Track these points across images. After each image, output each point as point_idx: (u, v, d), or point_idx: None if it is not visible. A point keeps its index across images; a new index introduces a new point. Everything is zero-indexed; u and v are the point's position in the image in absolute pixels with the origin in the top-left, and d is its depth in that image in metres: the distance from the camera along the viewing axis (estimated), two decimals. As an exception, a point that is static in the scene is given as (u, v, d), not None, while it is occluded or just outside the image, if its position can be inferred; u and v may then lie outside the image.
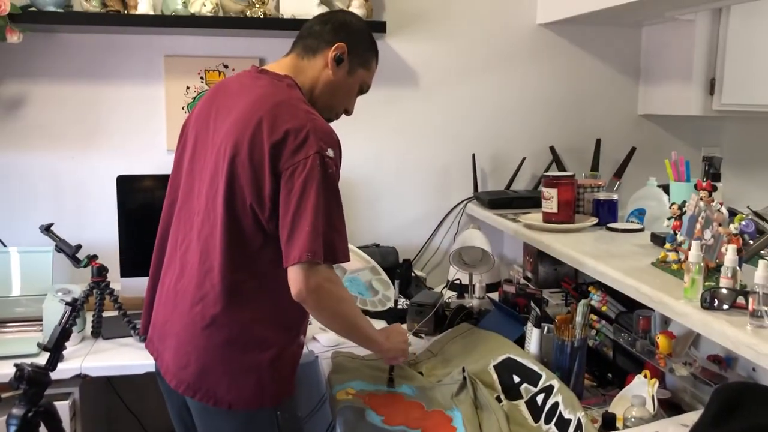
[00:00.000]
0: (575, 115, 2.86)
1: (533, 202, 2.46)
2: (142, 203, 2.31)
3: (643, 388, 1.57)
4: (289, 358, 1.52)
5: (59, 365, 1.82)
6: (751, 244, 1.66)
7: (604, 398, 1.73)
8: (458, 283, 2.47)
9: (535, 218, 2.22)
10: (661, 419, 1.50)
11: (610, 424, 1.52)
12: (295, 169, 1.38)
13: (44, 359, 1.67)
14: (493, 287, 2.44)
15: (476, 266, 2.41)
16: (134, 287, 2.18)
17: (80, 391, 1.96)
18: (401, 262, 2.58)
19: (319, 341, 2.07)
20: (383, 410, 1.65)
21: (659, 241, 1.84)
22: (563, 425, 1.52)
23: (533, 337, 1.84)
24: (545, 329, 1.83)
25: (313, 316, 1.50)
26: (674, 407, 1.64)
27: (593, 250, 1.88)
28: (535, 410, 1.64)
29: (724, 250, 1.41)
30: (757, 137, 3.01)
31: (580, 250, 1.87)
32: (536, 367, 1.72)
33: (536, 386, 1.68)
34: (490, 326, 2.04)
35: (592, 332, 1.95)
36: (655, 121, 2.92)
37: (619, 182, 2.72)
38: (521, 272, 2.51)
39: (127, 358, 1.95)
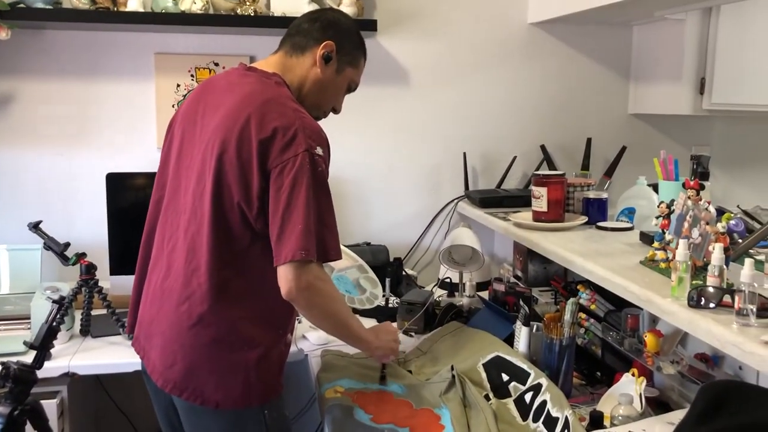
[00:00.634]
0: (566, 114, 2.86)
1: (524, 200, 2.46)
2: (131, 201, 2.30)
3: (630, 386, 1.57)
4: (276, 357, 1.52)
5: (47, 363, 1.81)
6: (740, 243, 1.67)
7: (592, 396, 1.73)
8: (448, 281, 2.47)
9: (525, 217, 2.23)
10: (648, 417, 1.50)
11: (597, 422, 1.51)
12: (284, 167, 1.38)
13: (31, 357, 1.66)
14: (483, 286, 2.45)
15: (466, 265, 2.41)
16: (123, 285, 2.16)
17: (68, 389, 1.95)
18: (392, 260, 2.58)
19: (308, 339, 2.07)
20: (371, 408, 1.65)
21: (648, 239, 1.84)
22: (551, 423, 1.52)
23: (522, 335, 1.84)
24: (534, 328, 1.83)
25: (303, 315, 1.50)
26: (662, 405, 1.65)
27: (582, 248, 1.89)
28: (523, 408, 1.64)
29: (711, 248, 1.42)
30: (747, 137, 3.02)
31: (569, 248, 1.88)
32: (525, 365, 1.72)
33: (525, 384, 1.68)
34: (479, 325, 2.04)
35: (581, 330, 1.95)
36: (645, 120, 2.92)
37: (609, 181, 2.73)
38: (511, 271, 2.51)
39: (115, 356, 1.94)
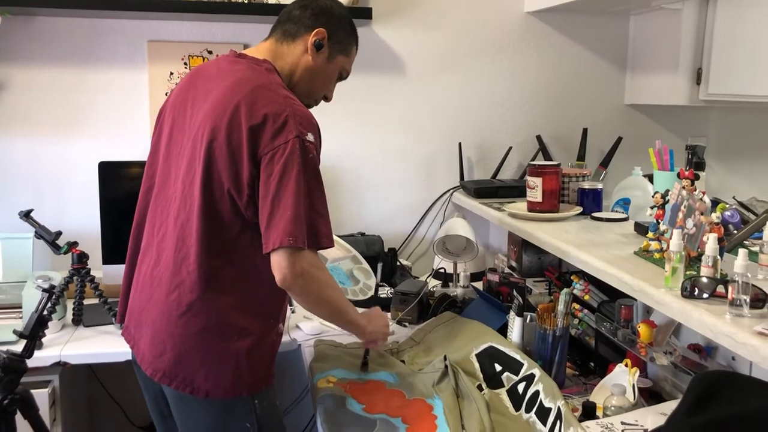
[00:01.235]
0: (562, 104, 2.85)
1: (519, 191, 2.45)
2: (124, 190, 2.28)
3: (623, 377, 1.57)
4: (267, 346, 1.51)
5: (39, 353, 1.81)
6: (735, 234, 1.66)
7: (585, 387, 1.73)
8: (443, 272, 2.46)
9: (519, 207, 2.22)
10: (641, 408, 1.50)
11: (590, 412, 1.51)
12: (274, 153, 1.36)
13: (22, 346, 1.64)
14: (477, 276, 2.44)
15: (460, 255, 2.41)
16: (116, 275, 2.14)
17: (60, 378, 1.94)
18: (386, 251, 2.57)
19: (302, 330, 2.06)
20: (364, 398, 1.65)
21: (642, 230, 1.83)
22: (543, 414, 1.51)
23: (515, 325, 1.84)
24: (527, 318, 1.83)
25: (297, 301, 1.49)
26: (655, 396, 1.65)
27: (576, 239, 1.88)
28: (516, 399, 1.64)
29: (705, 239, 1.41)
30: (743, 127, 3.01)
31: (563, 239, 1.87)
32: (518, 355, 1.72)
33: (518, 375, 1.68)
34: (473, 315, 2.03)
35: (574, 321, 1.95)
36: (641, 110, 2.91)
37: (605, 172, 2.72)
38: (506, 261, 2.50)
39: (107, 345, 1.94)
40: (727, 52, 2.49)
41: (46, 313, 1.66)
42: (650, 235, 1.68)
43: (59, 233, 2.07)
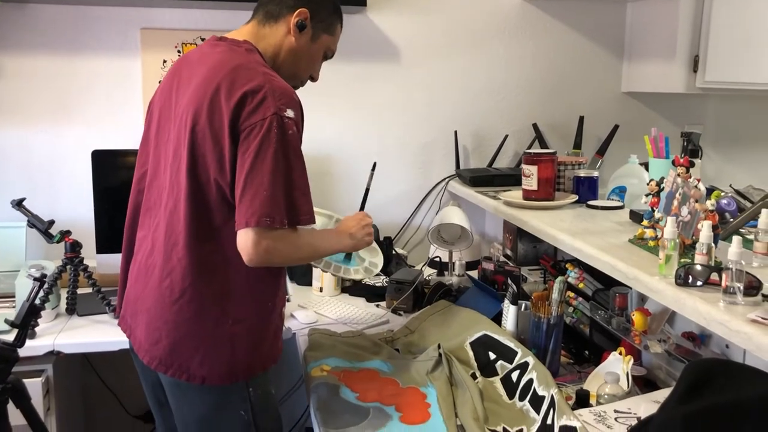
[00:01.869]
0: (558, 92, 2.83)
1: (515, 179, 2.44)
2: (118, 178, 2.26)
3: (617, 365, 1.56)
4: (266, 330, 1.50)
5: (32, 342, 1.81)
6: (730, 222, 1.65)
7: (579, 375, 1.73)
8: (438, 260, 2.45)
9: (515, 195, 2.21)
10: (634, 396, 1.50)
11: (583, 400, 1.51)
12: (251, 130, 1.34)
13: (13, 336, 1.64)
14: (473, 265, 2.43)
15: (455, 243, 2.40)
16: (110, 264, 2.14)
17: (54, 367, 1.93)
18: (382, 239, 2.56)
19: (296, 319, 2.06)
20: (358, 387, 1.64)
21: (638, 218, 1.83)
22: (537, 402, 1.51)
23: (510, 314, 1.83)
24: (522, 306, 1.82)
25: None
26: (650, 384, 1.65)
27: (571, 227, 1.87)
28: (509, 387, 1.63)
29: (700, 226, 1.40)
30: (740, 115, 3.00)
31: (558, 227, 1.86)
32: (512, 344, 1.72)
33: (512, 363, 1.67)
34: (468, 303, 2.03)
35: (569, 309, 1.94)
36: (638, 98, 2.90)
37: (601, 160, 2.71)
38: (501, 250, 2.50)
39: (101, 334, 1.92)
40: (723, 39, 2.48)
41: (37, 302, 1.66)
42: (645, 222, 1.67)
43: (52, 222, 2.05)
